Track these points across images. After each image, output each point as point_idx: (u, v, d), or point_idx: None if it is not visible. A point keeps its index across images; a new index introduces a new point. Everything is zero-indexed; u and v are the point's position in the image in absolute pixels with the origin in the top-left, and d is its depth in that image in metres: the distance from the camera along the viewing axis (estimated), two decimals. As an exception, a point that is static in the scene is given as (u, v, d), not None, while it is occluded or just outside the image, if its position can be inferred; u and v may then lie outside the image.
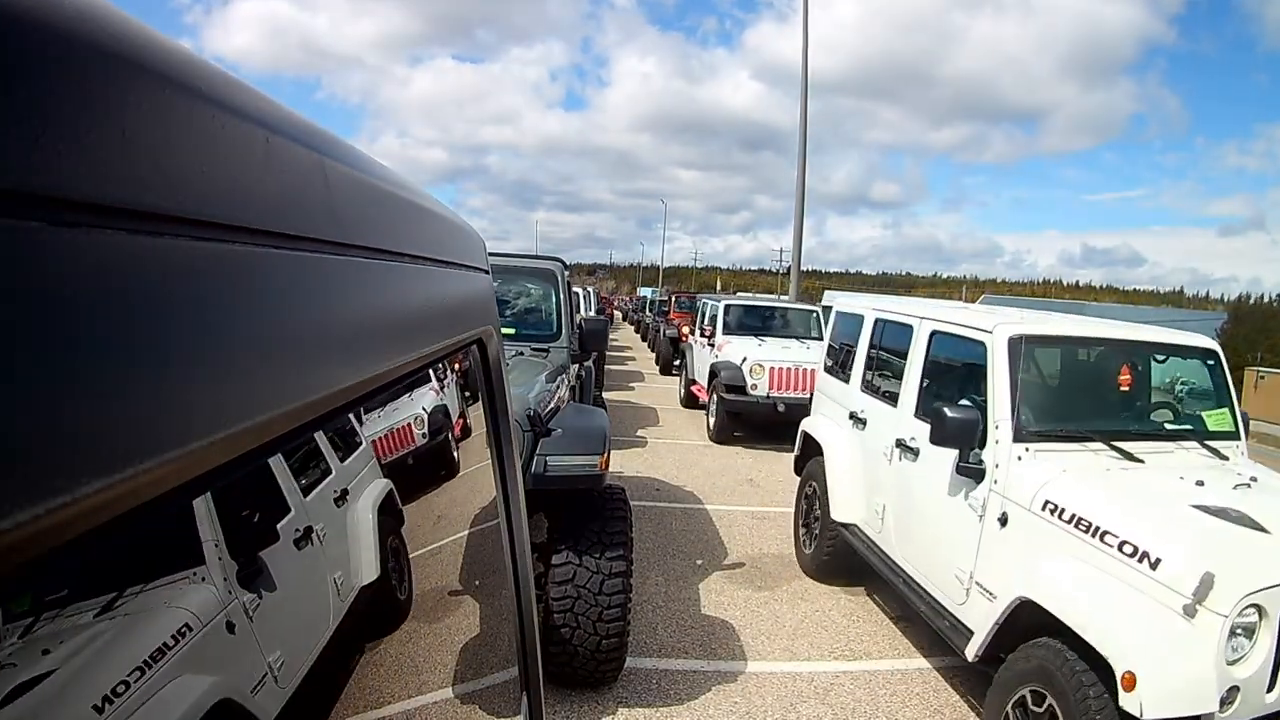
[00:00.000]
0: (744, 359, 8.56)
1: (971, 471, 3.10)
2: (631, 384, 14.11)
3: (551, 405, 3.39)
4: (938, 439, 3.12)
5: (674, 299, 19.70)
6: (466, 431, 0.89)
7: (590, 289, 21.71)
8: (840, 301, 5.48)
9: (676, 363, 14.32)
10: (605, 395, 8.66)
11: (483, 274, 0.87)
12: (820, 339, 10.01)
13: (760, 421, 8.54)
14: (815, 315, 10.20)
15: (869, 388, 4.42)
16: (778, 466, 7.72)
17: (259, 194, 0.31)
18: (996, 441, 3.05)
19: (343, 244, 0.40)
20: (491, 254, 1.01)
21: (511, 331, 4.45)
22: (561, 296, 4.84)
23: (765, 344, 9.09)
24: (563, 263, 5.18)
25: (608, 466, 3.11)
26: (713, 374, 9.02)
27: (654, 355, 18.23)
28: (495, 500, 0.93)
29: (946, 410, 3.08)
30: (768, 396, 8.35)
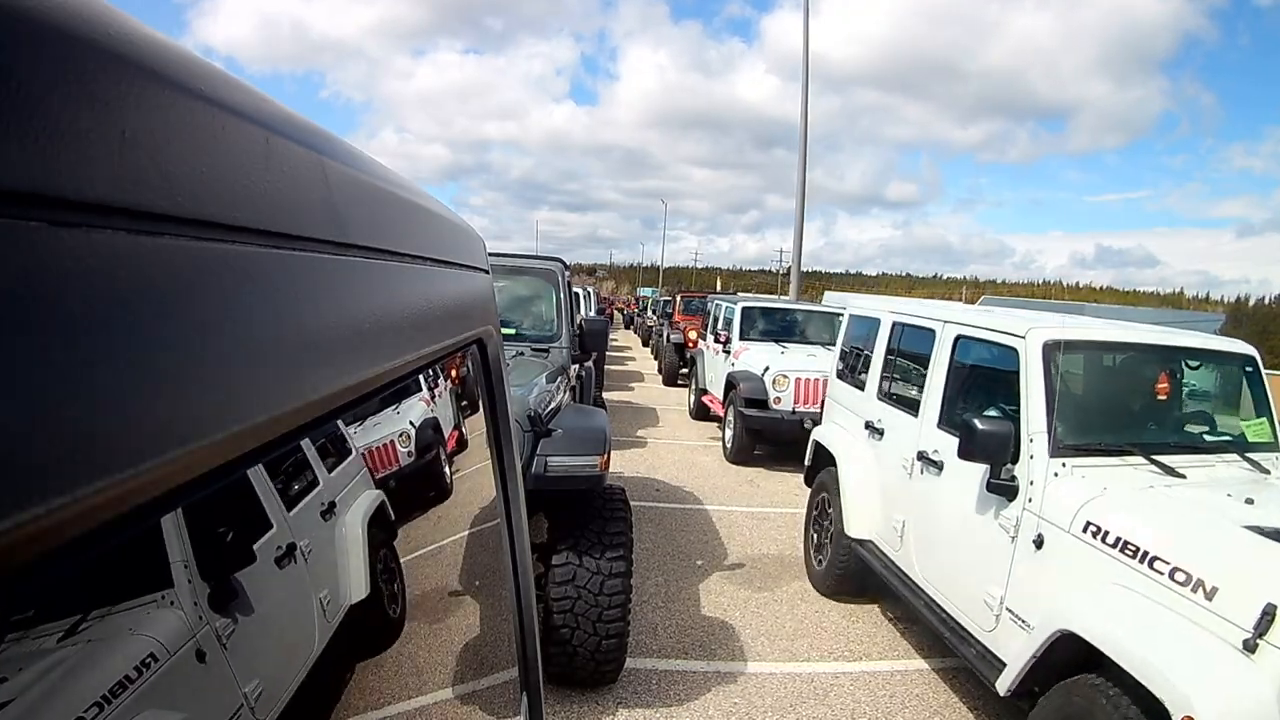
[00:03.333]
0: (765, 369, 7.62)
1: (1003, 488, 2.86)
2: (631, 384, 14.10)
3: (551, 405, 3.39)
4: (966, 452, 2.87)
5: (679, 300, 16.93)
6: (463, 445, 0.84)
7: (590, 289, 21.18)
8: (855, 304, 5.17)
9: (684, 371, 13.08)
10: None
11: (483, 274, 0.87)
12: None
13: (783, 440, 7.59)
14: (841, 320, 9.49)
15: (887, 395, 4.17)
16: (779, 469, 7.71)
17: (259, 194, 0.31)
18: (1031, 456, 2.80)
19: (343, 244, 0.40)
20: (491, 254, 1.01)
21: (511, 332, 4.45)
22: (561, 297, 4.84)
23: (788, 352, 8.18)
24: (563, 263, 5.18)
25: (608, 466, 3.11)
26: (729, 385, 8.05)
27: (656, 363, 16.52)
28: (495, 500, 0.93)
29: (976, 422, 2.83)
30: (793, 412, 7.38)
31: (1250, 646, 1.97)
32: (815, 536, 4.71)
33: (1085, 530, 2.54)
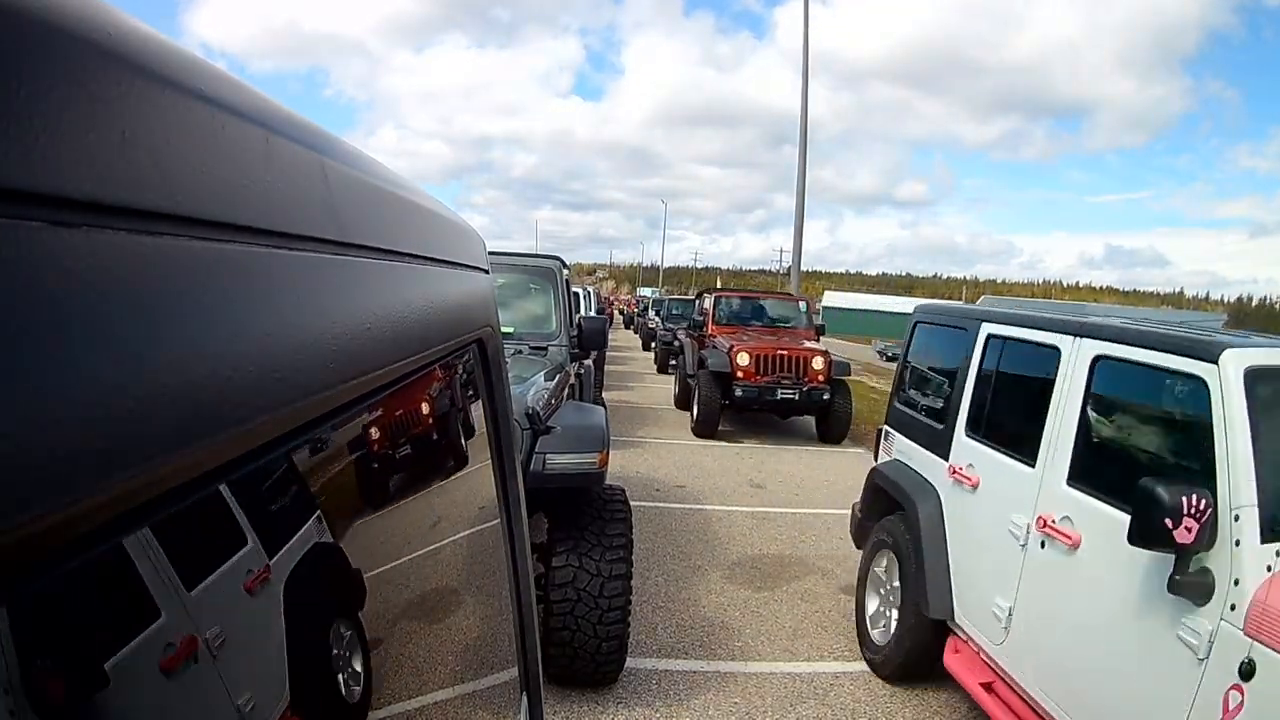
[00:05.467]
0: None
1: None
2: (630, 384, 14.08)
3: (550, 403, 3.39)
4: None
5: (713, 302, 10.94)
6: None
7: (590, 289, 20.99)
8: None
9: (725, 404, 8.70)
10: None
11: (483, 274, 0.87)
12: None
13: None
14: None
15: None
16: (781, 466, 7.68)
17: (259, 194, 0.31)
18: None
19: (343, 244, 0.40)
20: (490, 251, 1.01)
21: (510, 330, 4.46)
22: (560, 294, 4.84)
23: None
24: (562, 261, 5.19)
25: (607, 463, 3.11)
26: None
27: (674, 388, 11.49)
28: (495, 500, 0.93)
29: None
30: None
31: None
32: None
33: None
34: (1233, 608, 1.93)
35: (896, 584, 3.49)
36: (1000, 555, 2.83)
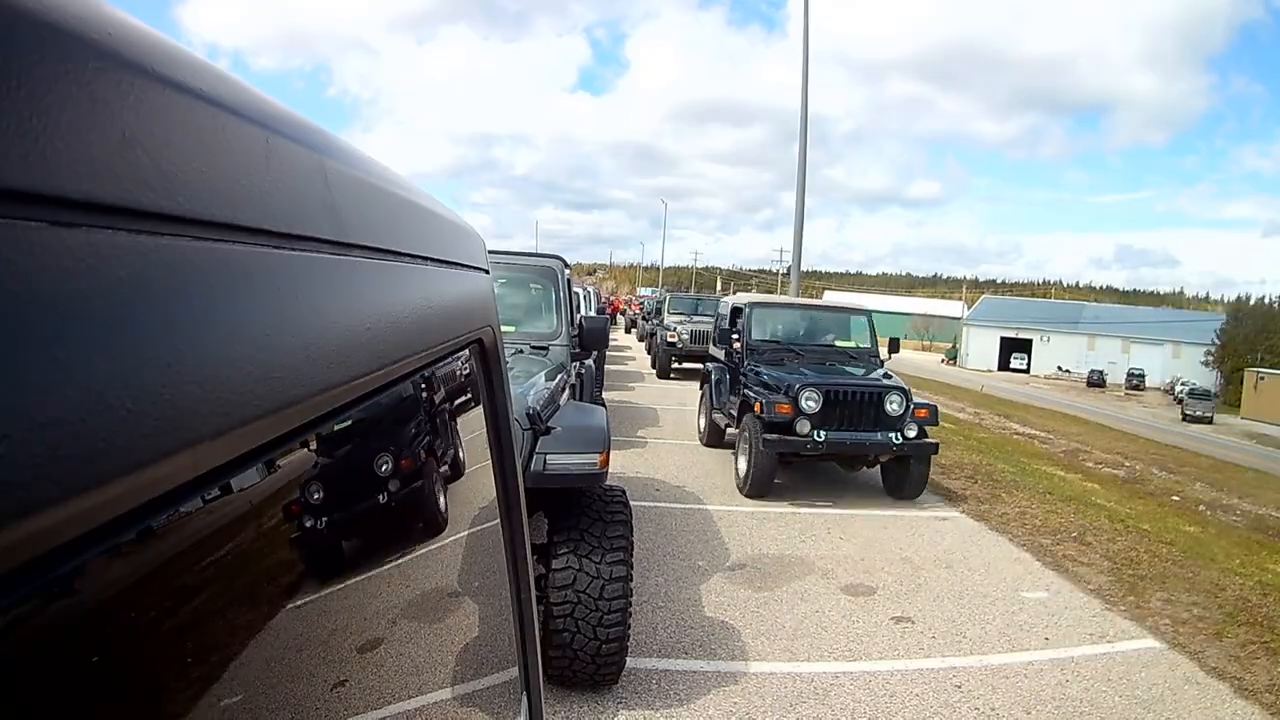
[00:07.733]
0: None
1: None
2: (630, 384, 14.01)
3: (551, 403, 3.38)
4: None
5: None
6: None
7: (591, 288, 20.72)
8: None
9: None
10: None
11: (483, 274, 0.87)
12: None
13: None
14: None
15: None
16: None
17: (259, 194, 0.31)
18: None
19: (342, 244, 0.40)
20: (491, 251, 1.01)
21: (511, 329, 4.45)
22: (561, 294, 4.84)
23: None
24: (563, 260, 5.18)
25: (608, 464, 3.11)
26: None
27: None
28: (495, 500, 0.93)
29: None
30: None
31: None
32: None
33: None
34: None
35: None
36: None
